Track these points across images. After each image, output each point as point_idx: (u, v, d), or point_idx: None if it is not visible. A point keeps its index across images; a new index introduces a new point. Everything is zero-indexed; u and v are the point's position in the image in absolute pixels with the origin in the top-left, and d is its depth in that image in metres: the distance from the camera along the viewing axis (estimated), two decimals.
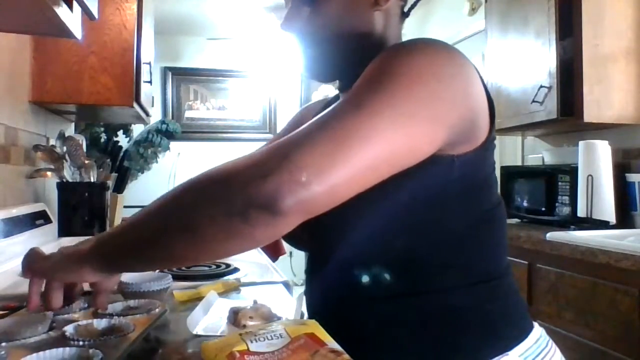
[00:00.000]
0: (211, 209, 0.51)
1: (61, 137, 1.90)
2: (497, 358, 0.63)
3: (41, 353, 0.60)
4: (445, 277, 0.65)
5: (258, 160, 0.51)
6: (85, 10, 0.97)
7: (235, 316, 0.74)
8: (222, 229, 0.51)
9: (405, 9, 0.78)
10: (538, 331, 0.70)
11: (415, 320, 0.65)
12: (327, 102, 0.91)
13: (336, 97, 0.88)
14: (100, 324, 0.71)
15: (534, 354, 0.66)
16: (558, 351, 0.71)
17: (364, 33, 0.72)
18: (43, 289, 0.64)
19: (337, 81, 0.80)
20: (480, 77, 0.64)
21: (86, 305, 0.81)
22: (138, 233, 0.58)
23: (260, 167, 0.50)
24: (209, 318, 0.82)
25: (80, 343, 0.64)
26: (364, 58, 0.71)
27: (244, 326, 0.70)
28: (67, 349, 0.62)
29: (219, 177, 0.53)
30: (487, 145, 0.66)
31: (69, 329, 0.68)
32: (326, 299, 0.73)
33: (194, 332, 0.76)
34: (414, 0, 0.78)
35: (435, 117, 0.57)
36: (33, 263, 0.65)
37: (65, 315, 0.76)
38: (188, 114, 4.57)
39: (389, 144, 0.53)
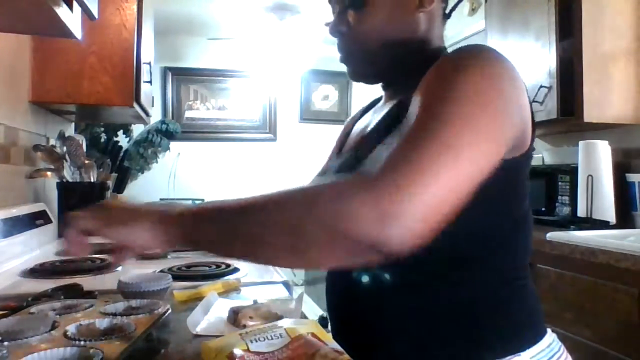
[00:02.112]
0: (321, 236, 0.52)
1: (61, 137, 1.90)
2: (508, 357, 0.65)
3: (42, 352, 0.60)
4: (474, 274, 0.67)
5: (369, 199, 0.51)
6: (85, 10, 0.97)
7: (235, 316, 0.74)
8: (326, 255, 0.53)
9: (447, 10, 0.81)
10: (551, 337, 0.71)
11: (436, 311, 0.66)
12: (369, 105, 0.93)
13: (377, 100, 0.91)
14: (101, 323, 0.71)
15: (545, 357, 0.68)
16: (570, 358, 0.72)
17: (409, 35, 0.75)
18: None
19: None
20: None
21: (89, 305, 0.81)
22: (242, 222, 0.56)
23: (374, 209, 0.50)
24: (209, 318, 0.82)
25: (82, 343, 0.64)
26: (409, 59, 0.76)
27: (244, 326, 0.70)
28: (68, 348, 0.62)
29: (332, 205, 0.52)
30: (530, 153, 0.69)
31: (70, 329, 0.68)
32: (348, 289, 0.73)
33: (194, 332, 0.76)
34: (456, 2, 0.81)
35: (501, 134, 0.59)
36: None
37: (67, 315, 0.76)
38: (188, 114, 4.57)
39: (469, 172, 0.55)
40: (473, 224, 0.65)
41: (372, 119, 0.82)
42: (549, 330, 0.72)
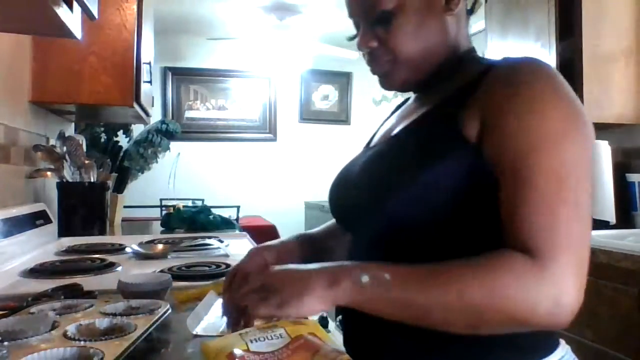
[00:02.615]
0: (503, 323, 0.56)
1: (61, 137, 1.90)
2: None
3: (42, 352, 0.60)
4: None
5: (551, 295, 0.55)
6: (85, 10, 0.97)
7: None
8: (498, 332, 0.58)
9: (468, 6, 0.80)
10: (564, 348, 0.70)
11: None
12: (396, 108, 0.93)
13: (406, 100, 0.90)
14: (102, 323, 0.71)
15: None
16: None
17: (440, 40, 0.74)
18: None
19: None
20: None
21: (89, 305, 0.81)
22: (421, 304, 0.57)
23: (553, 302, 0.54)
24: (209, 318, 0.82)
25: (82, 343, 0.64)
26: (443, 63, 0.75)
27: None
28: (68, 348, 0.62)
29: (514, 302, 0.55)
30: None
31: (70, 329, 0.68)
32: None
33: (194, 332, 0.76)
34: None
35: (591, 148, 0.65)
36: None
37: (67, 315, 0.76)
38: (188, 114, 4.57)
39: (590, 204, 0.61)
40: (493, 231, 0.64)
41: (399, 122, 0.81)
42: (562, 341, 0.70)
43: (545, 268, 0.55)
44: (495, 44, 2.53)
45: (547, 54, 2.13)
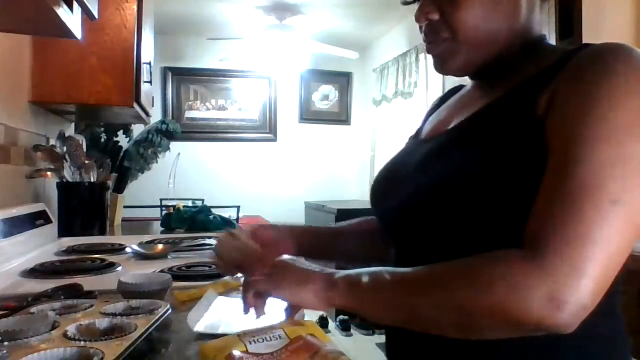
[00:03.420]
0: (492, 322, 0.51)
1: (61, 137, 1.90)
2: None
3: (42, 352, 0.60)
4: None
5: (545, 290, 0.49)
6: (85, 10, 0.97)
7: None
8: (493, 335, 0.54)
9: None
10: None
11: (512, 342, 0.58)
12: (445, 96, 0.86)
13: (457, 88, 0.83)
14: (102, 323, 0.71)
15: None
16: None
17: (509, 21, 0.66)
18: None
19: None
20: None
21: (89, 305, 0.81)
22: (408, 304, 0.56)
23: (548, 298, 0.48)
24: (210, 316, 0.82)
25: (82, 343, 0.64)
26: (510, 49, 0.67)
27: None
28: (68, 348, 0.62)
29: (504, 293, 0.50)
30: None
31: (70, 329, 0.68)
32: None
33: (195, 330, 0.76)
34: None
35: None
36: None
37: (67, 315, 0.76)
38: (188, 114, 4.57)
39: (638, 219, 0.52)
40: None
41: (457, 111, 0.73)
42: None
43: (545, 261, 0.49)
44: None
45: None
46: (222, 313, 0.83)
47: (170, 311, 0.80)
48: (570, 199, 0.50)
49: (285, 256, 0.66)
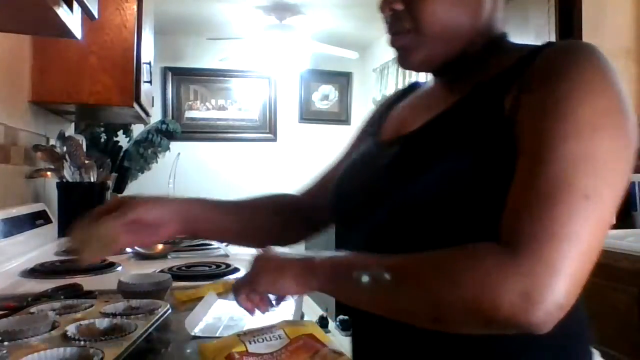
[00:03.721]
0: (464, 317, 0.50)
1: (61, 137, 1.90)
2: None
3: (42, 352, 0.60)
4: None
5: (519, 286, 0.47)
6: (85, 10, 0.97)
7: None
8: (467, 330, 0.52)
9: None
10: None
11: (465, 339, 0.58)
12: (403, 92, 0.84)
13: (415, 84, 0.83)
14: (102, 323, 0.72)
15: None
16: None
17: (472, 18, 0.66)
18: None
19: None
20: None
21: (89, 305, 0.81)
22: (382, 294, 0.54)
23: (522, 296, 0.47)
24: (208, 319, 0.82)
25: (82, 343, 0.64)
26: (472, 44, 0.67)
27: None
28: (68, 348, 0.62)
29: (475, 288, 0.49)
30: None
31: (70, 329, 0.68)
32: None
33: (192, 334, 0.76)
34: None
35: (631, 161, 0.55)
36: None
37: (67, 315, 0.76)
38: (188, 114, 4.57)
39: (613, 204, 0.52)
40: None
41: (419, 111, 0.71)
42: (596, 354, 0.67)
43: (520, 258, 0.48)
44: None
45: None
46: (221, 316, 0.83)
47: (170, 311, 0.80)
48: (544, 196, 0.50)
49: (262, 250, 0.64)
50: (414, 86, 0.83)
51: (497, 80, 0.61)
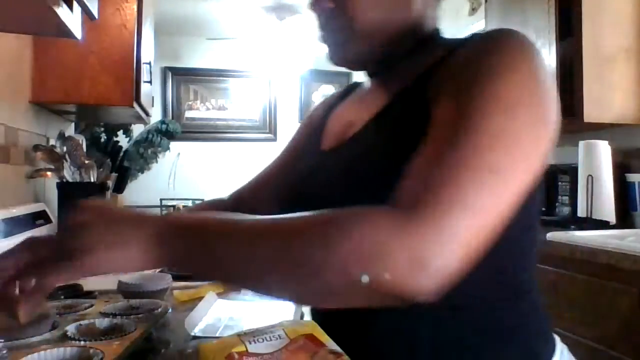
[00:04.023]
0: (342, 282, 0.44)
1: (61, 137, 1.90)
2: None
3: (42, 353, 0.60)
4: (494, 290, 0.60)
5: (408, 247, 0.43)
6: (85, 10, 0.97)
7: None
8: (345, 301, 0.47)
9: None
10: (560, 345, 0.67)
11: (452, 337, 0.59)
12: (344, 91, 0.85)
13: (353, 85, 0.82)
14: (102, 323, 0.72)
15: None
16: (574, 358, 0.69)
17: (403, 12, 0.66)
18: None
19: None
20: None
21: (89, 305, 0.81)
22: (244, 250, 0.47)
23: (410, 259, 0.43)
24: (208, 319, 0.82)
25: (82, 343, 0.64)
26: (403, 41, 0.67)
27: None
28: (68, 348, 0.62)
29: (358, 247, 0.44)
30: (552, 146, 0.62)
31: (70, 329, 0.68)
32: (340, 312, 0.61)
33: (192, 334, 0.76)
34: None
35: (547, 142, 0.53)
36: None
37: (67, 315, 0.76)
38: (188, 114, 4.57)
39: (512, 202, 0.49)
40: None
41: (358, 112, 0.70)
42: (557, 340, 0.67)
43: (412, 222, 0.44)
44: None
45: (547, 53, 2.13)
46: (221, 316, 0.83)
47: (170, 311, 0.80)
48: (449, 165, 0.47)
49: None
50: (354, 86, 0.82)
51: (425, 74, 0.61)
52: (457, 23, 3.25)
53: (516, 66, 0.53)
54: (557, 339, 0.68)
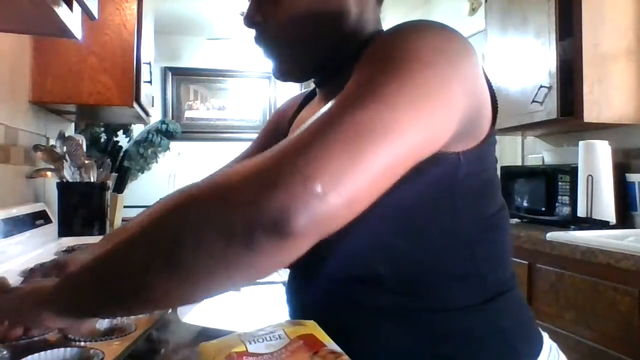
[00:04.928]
0: (205, 234, 0.41)
1: (61, 137, 1.90)
2: None
3: (42, 353, 0.60)
4: (459, 292, 0.59)
5: (260, 171, 0.42)
6: (85, 10, 0.97)
7: None
8: (218, 260, 0.42)
9: None
10: (548, 342, 0.66)
11: (424, 339, 0.59)
12: (305, 97, 0.85)
13: (313, 92, 0.81)
14: (102, 324, 0.72)
15: None
16: (563, 356, 0.68)
17: (339, 19, 0.64)
18: None
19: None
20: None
21: None
22: (114, 270, 0.48)
23: (263, 179, 0.41)
24: (207, 318, 0.82)
25: (82, 343, 0.65)
26: (342, 48, 0.65)
27: None
28: (69, 349, 0.62)
29: (213, 193, 0.43)
30: (491, 140, 0.60)
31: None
32: (315, 314, 0.60)
33: (183, 320, 0.76)
34: None
35: (449, 102, 0.50)
36: None
37: None
38: (188, 114, 4.57)
39: (407, 138, 0.46)
40: (445, 233, 0.59)
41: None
42: (545, 337, 0.67)
43: (281, 153, 0.43)
44: (495, 43, 2.53)
45: (547, 53, 2.13)
46: (217, 307, 0.83)
47: (170, 311, 0.80)
48: (333, 112, 0.45)
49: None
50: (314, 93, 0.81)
51: None
52: (457, 23, 3.25)
53: (414, 37, 0.52)
54: (546, 335, 0.67)
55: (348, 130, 0.43)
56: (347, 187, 0.41)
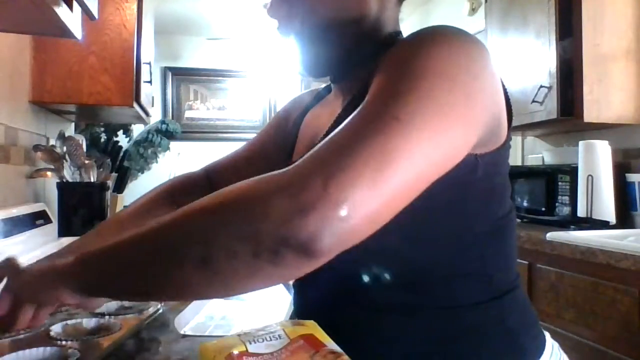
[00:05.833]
0: (234, 243, 0.43)
1: (61, 137, 1.90)
2: None
3: (20, 352, 0.60)
4: (466, 290, 0.60)
5: (290, 189, 0.42)
6: (85, 10, 0.97)
7: None
8: (245, 268, 0.44)
9: None
10: (550, 342, 0.66)
11: (431, 337, 0.59)
12: (317, 94, 0.86)
13: (328, 89, 0.82)
14: (89, 323, 0.72)
15: None
16: (565, 355, 0.69)
17: (359, 16, 0.65)
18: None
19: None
20: None
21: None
22: (138, 257, 0.48)
23: (295, 198, 0.42)
24: (200, 318, 0.82)
25: (62, 342, 0.65)
26: (361, 45, 0.66)
27: None
28: (48, 348, 0.62)
29: (243, 204, 0.44)
30: (507, 145, 0.61)
31: (55, 328, 0.68)
32: (322, 311, 0.63)
33: (182, 332, 0.76)
34: None
35: (472, 118, 0.51)
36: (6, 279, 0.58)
37: (55, 315, 0.76)
38: (188, 114, 4.57)
39: (430, 158, 0.47)
40: (458, 233, 0.60)
41: (322, 120, 0.71)
42: (547, 336, 0.67)
43: (292, 170, 0.44)
44: (495, 43, 2.53)
45: (547, 53, 2.13)
46: (213, 315, 0.83)
47: (161, 310, 0.80)
48: (357, 120, 0.47)
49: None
50: (329, 89, 0.81)
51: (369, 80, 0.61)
52: (457, 23, 3.24)
53: (437, 44, 0.52)
54: (547, 335, 0.68)
55: (374, 152, 0.44)
56: (372, 210, 0.43)
